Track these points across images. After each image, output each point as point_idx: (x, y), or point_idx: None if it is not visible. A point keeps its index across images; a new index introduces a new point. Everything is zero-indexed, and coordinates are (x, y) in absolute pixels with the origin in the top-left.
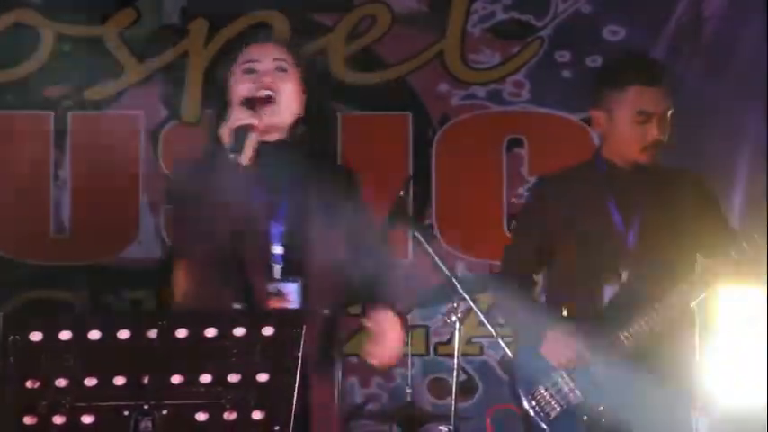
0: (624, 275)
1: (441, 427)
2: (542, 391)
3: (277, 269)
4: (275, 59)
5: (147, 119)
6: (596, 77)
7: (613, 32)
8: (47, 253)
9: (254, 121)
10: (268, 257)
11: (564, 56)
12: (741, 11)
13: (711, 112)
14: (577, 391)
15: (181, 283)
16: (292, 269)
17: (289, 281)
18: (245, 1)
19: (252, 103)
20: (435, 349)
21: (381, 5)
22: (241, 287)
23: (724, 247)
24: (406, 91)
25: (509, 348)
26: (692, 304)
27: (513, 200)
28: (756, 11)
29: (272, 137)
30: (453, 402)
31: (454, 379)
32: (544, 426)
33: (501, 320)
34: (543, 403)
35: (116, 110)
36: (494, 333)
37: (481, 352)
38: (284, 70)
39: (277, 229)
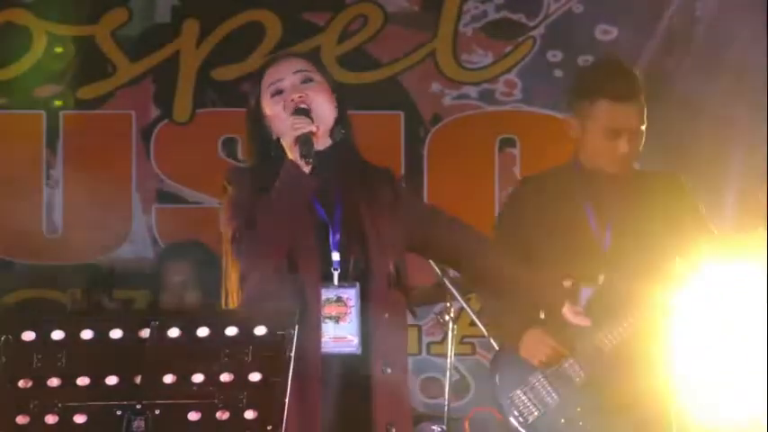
0: (601, 278)
1: (433, 427)
2: (520, 395)
3: (335, 275)
4: (297, 72)
5: (138, 118)
6: (570, 85)
7: (605, 32)
8: (39, 253)
9: (313, 128)
10: (327, 265)
11: (556, 55)
12: (733, 11)
13: (702, 112)
14: (554, 394)
15: (241, 291)
16: (350, 275)
17: (347, 286)
18: (237, 1)
19: (304, 112)
20: (428, 349)
21: (373, 5)
22: (299, 295)
23: (702, 248)
24: (399, 90)
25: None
26: (671, 304)
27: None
28: (749, 11)
29: (319, 145)
30: (446, 402)
31: (447, 379)
32: (523, 430)
33: (485, 323)
34: (522, 407)
35: (108, 109)
36: (486, 333)
37: (474, 351)
38: (310, 80)
39: (334, 235)
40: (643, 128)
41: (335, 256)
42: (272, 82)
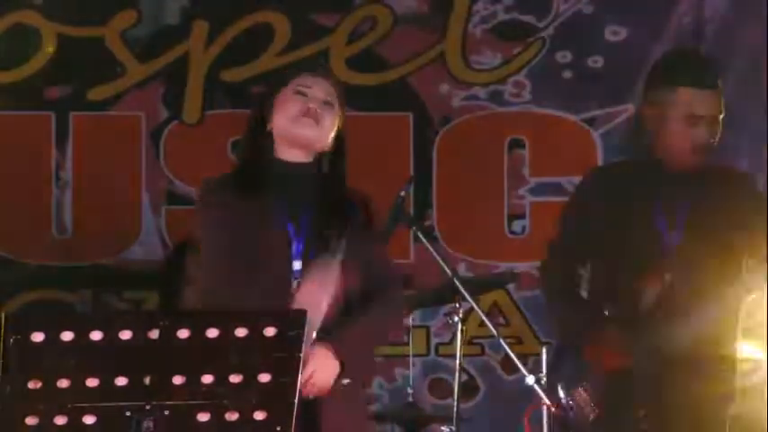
0: (668, 277)
1: (443, 428)
2: (582, 393)
3: (295, 284)
4: (325, 92)
5: (148, 120)
6: (648, 74)
7: (615, 33)
8: (48, 253)
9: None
10: (289, 273)
11: (565, 56)
12: (742, 12)
13: None
14: (616, 395)
15: (202, 292)
16: None
17: None
18: (246, 2)
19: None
20: (436, 350)
21: (383, 6)
22: (260, 300)
23: None
24: (407, 92)
25: (510, 348)
26: (738, 307)
27: (515, 200)
28: (757, 12)
29: (303, 159)
30: (455, 403)
31: (456, 380)
32: (582, 428)
33: (547, 315)
34: (583, 404)
35: (117, 111)
36: (495, 333)
37: (483, 352)
38: (330, 104)
39: (297, 246)
40: (721, 117)
41: (297, 266)
42: (304, 84)
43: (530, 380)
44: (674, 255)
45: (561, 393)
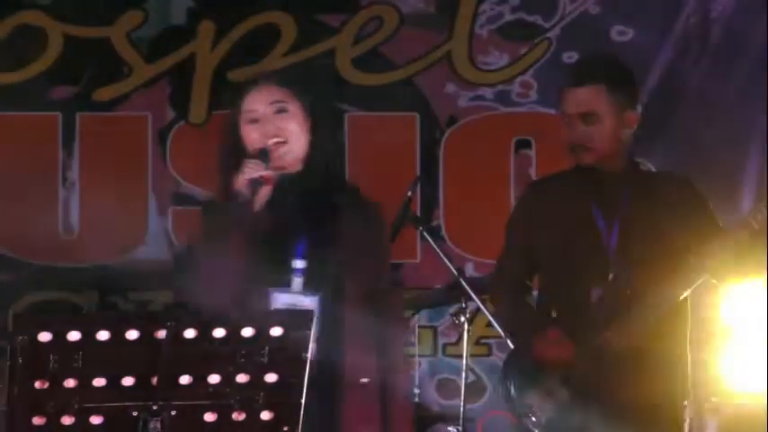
0: (610, 276)
1: (449, 428)
2: (535, 397)
3: (297, 282)
4: (272, 103)
5: (154, 120)
6: None
7: (621, 33)
8: (55, 254)
9: (266, 173)
10: (287, 272)
11: (572, 57)
12: (748, 11)
13: (718, 113)
14: (567, 395)
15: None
16: (312, 283)
17: (308, 294)
18: (252, 2)
19: (264, 155)
20: (443, 350)
21: (389, 6)
22: (259, 300)
23: (713, 245)
24: (414, 92)
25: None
26: (683, 297)
27: None
28: (764, 11)
29: (290, 172)
30: (462, 403)
31: (463, 380)
32: (536, 431)
33: (498, 325)
34: (535, 408)
35: (124, 111)
36: (502, 334)
37: (489, 353)
38: (284, 111)
39: (300, 247)
40: (606, 114)
41: (299, 264)
42: (250, 109)
43: None
44: (614, 254)
45: (515, 399)
